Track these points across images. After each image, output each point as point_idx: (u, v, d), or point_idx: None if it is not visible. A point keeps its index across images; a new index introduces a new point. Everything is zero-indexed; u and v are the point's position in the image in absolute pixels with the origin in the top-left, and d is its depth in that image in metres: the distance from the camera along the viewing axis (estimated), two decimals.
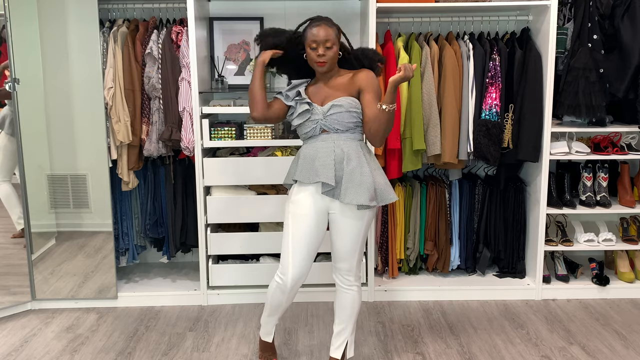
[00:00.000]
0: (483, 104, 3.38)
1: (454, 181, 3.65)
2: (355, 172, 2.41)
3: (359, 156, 2.44)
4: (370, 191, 2.40)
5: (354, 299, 2.57)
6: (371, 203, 2.40)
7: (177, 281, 3.68)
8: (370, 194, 2.40)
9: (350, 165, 2.42)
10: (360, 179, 2.40)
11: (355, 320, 2.63)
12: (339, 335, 2.63)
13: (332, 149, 2.44)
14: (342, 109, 2.43)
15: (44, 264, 3.44)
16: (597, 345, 2.99)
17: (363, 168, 2.42)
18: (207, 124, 3.28)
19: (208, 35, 3.64)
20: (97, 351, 2.95)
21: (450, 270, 3.69)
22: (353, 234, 2.49)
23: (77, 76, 3.31)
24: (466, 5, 3.33)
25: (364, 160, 2.44)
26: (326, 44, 2.40)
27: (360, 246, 2.53)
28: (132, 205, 3.68)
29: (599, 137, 3.54)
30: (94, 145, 3.31)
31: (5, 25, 3.16)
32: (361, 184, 2.40)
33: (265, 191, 3.43)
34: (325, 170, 2.43)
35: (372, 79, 2.46)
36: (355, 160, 2.43)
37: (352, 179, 2.41)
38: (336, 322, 2.64)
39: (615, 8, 3.33)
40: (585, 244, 3.55)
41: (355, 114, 2.45)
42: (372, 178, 2.42)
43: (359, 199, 2.39)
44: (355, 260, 2.54)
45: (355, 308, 2.59)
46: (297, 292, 2.59)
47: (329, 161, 2.43)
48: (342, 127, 2.45)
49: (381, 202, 2.46)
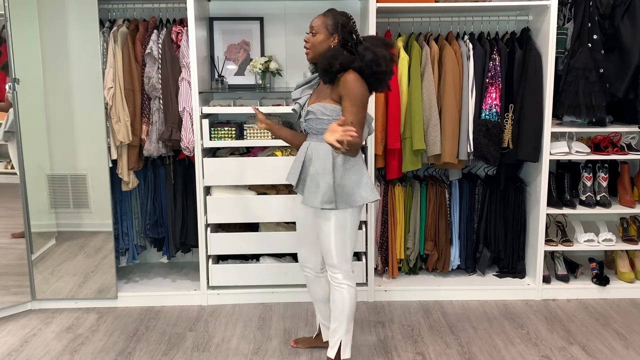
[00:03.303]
0: (483, 104, 3.38)
1: (454, 181, 3.65)
2: (315, 175, 2.46)
3: (325, 159, 2.43)
4: (326, 194, 2.41)
5: (343, 297, 2.56)
6: (325, 206, 2.42)
7: (177, 281, 3.68)
8: (326, 197, 2.41)
9: (313, 168, 2.47)
10: (318, 181, 2.44)
11: (350, 321, 2.61)
12: (333, 333, 2.64)
13: (305, 151, 2.53)
14: (313, 116, 2.47)
15: (44, 264, 3.44)
16: (597, 345, 2.99)
17: (325, 171, 2.43)
18: (207, 124, 3.28)
19: (208, 35, 3.64)
20: (97, 351, 2.95)
21: (450, 270, 3.69)
22: (323, 233, 2.53)
23: (77, 76, 3.31)
24: (466, 5, 3.33)
25: (330, 163, 2.42)
26: (312, 30, 2.45)
27: (336, 245, 2.52)
28: (132, 205, 3.68)
29: (599, 137, 3.54)
30: (94, 145, 3.31)
31: (5, 25, 3.17)
32: (318, 186, 2.43)
33: (265, 191, 3.43)
34: (293, 170, 2.59)
35: (350, 83, 2.34)
36: (319, 163, 2.45)
37: (312, 180, 2.47)
38: (332, 319, 2.65)
39: (615, 8, 3.33)
40: (585, 244, 3.55)
41: (327, 121, 2.42)
42: (332, 181, 2.41)
43: (312, 201, 2.45)
44: (334, 258, 2.54)
45: (347, 307, 2.58)
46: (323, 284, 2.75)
47: (299, 162, 2.55)
48: (318, 132, 2.48)
49: (342, 205, 2.44)
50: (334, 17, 2.43)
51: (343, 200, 2.44)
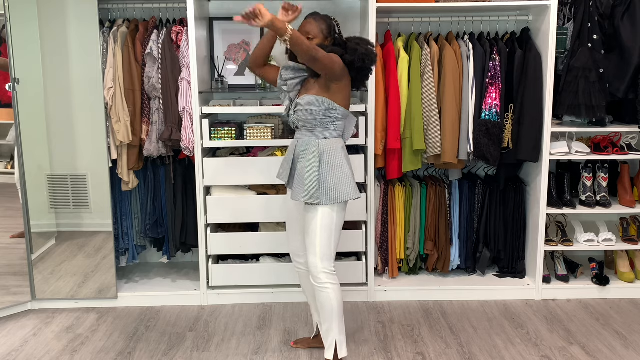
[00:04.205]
0: (483, 104, 3.38)
1: (454, 181, 3.65)
2: (302, 170, 2.54)
3: (313, 155, 2.52)
4: (310, 189, 2.50)
5: (329, 297, 2.57)
6: (310, 201, 2.51)
7: (177, 281, 3.68)
8: (310, 192, 2.50)
9: (301, 163, 2.56)
10: (304, 177, 2.52)
11: (340, 319, 2.62)
12: (326, 335, 2.66)
13: (295, 147, 2.61)
14: (301, 107, 2.54)
15: (44, 264, 3.44)
16: (597, 345, 2.99)
17: (311, 166, 2.51)
18: (207, 124, 3.28)
19: (208, 35, 3.64)
20: (97, 351, 2.95)
21: (450, 270, 3.68)
22: (310, 228, 2.58)
23: (77, 76, 3.31)
24: (466, 5, 3.33)
25: (316, 159, 2.51)
26: (307, 35, 2.53)
27: (322, 240, 2.55)
28: (132, 205, 3.68)
29: (599, 137, 3.54)
30: (94, 145, 3.31)
31: (5, 25, 3.17)
32: (304, 182, 2.52)
33: (265, 191, 3.43)
34: (283, 166, 2.69)
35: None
36: (306, 159, 2.54)
37: (299, 176, 2.55)
38: (321, 321, 2.67)
39: (615, 8, 3.33)
40: (585, 244, 3.55)
41: (315, 111, 2.51)
42: (317, 177, 2.50)
43: (298, 197, 2.54)
44: (317, 254, 2.56)
45: (335, 307, 2.59)
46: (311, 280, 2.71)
47: (289, 158, 2.64)
48: (306, 124, 2.55)
49: (325, 201, 2.51)
50: (326, 21, 2.58)
51: (326, 195, 2.51)
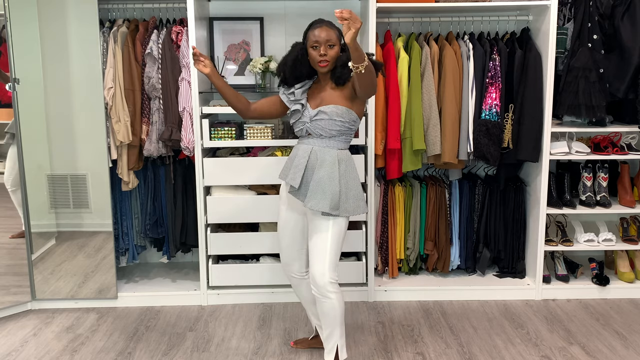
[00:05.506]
0: (483, 104, 3.38)
1: (454, 181, 3.65)
2: (323, 180, 2.48)
3: (332, 164, 2.49)
4: (333, 200, 2.47)
5: (333, 306, 2.55)
6: (332, 212, 2.47)
7: (177, 281, 3.68)
8: (333, 203, 2.47)
9: (321, 173, 2.49)
10: (326, 187, 2.47)
11: (342, 324, 2.61)
12: (327, 339, 2.64)
13: (309, 154, 2.52)
14: (326, 116, 2.49)
15: (44, 264, 3.44)
16: (597, 345, 2.99)
17: (333, 177, 2.48)
18: (207, 124, 3.28)
19: (208, 35, 3.64)
20: (97, 351, 2.95)
21: (450, 270, 3.68)
22: (320, 238, 2.53)
23: (77, 76, 3.31)
24: (466, 5, 3.33)
25: (336, 170, 2.49)
26: (328, 43, 2.47)
27: (332, 250, 2.52)
28: (132, 205, 3.68)
29: (599, 137, 3.54)
30: (94, 145, 3.31)
31: (5, 25, 3.17)
32: (325, 192, 2.47)
33: (265, 191, 3.43)
34: (295, 172, 2.54)
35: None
36: (327, 169, 2.49)
37: (318, 185, 2.48)
38: (322, 327, 2.65)
39: (615, 8, 3.33)
40: (585, 244, 3.55)
41: (340, 123, 2.49)
42: (339, 188, 2.47)
43: (320, 206, 2.47)
44: (326, 263, 2.52)
45: (338, 314, 2.57)
46: (308, 283, 2.73)
47: (302, 164, 2.52)
48: (325, 134, 2.51)
49: (344, 213, 2.50)
50: (335, 27, 2.52)
51: (345, 208, 2.50)
